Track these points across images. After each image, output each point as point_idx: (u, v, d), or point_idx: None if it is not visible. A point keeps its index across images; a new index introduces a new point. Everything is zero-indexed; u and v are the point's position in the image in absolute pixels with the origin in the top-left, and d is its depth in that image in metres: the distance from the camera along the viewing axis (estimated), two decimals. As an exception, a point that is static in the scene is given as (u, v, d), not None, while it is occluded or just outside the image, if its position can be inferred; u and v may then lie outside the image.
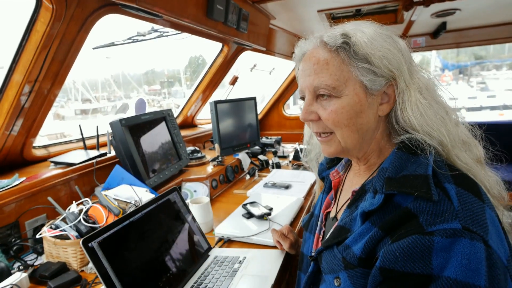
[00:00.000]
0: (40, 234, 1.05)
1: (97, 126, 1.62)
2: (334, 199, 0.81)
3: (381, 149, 0.69)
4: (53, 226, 1.06)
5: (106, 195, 1.21)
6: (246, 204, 1.39)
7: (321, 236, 0.79)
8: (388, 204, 0.58)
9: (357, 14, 2.03)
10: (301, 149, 2.27)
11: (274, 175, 1.97)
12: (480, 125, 0.69)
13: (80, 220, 1.06)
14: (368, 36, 0.63)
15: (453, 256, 0.47)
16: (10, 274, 0.95)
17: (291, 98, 3.76)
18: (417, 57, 0.70)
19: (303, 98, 0.71)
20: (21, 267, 1.02)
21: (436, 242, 0.48)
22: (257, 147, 2.45)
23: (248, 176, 2.04)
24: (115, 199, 1.22)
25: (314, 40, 0.69)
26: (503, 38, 2.78)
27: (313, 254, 0.75)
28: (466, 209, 0.52)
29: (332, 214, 0.78)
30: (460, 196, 0.53)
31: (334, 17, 2.15)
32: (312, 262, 0.71)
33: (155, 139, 1.62)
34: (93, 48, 1.68)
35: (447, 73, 21.37)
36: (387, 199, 0.58)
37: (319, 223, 0.81)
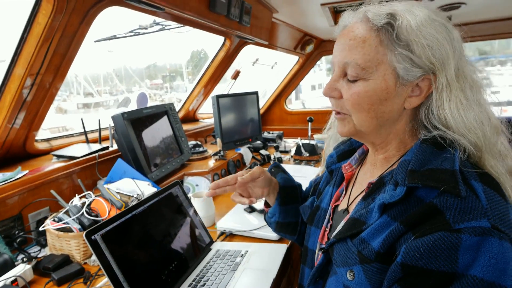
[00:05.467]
0: (43, 227, 1.05)
1: (99, 120, 1.62)
2: (345, 192, 0.79)
3: (402, 142, 0.67)
4: (56, 219, 1.07)
5: (108, 189, 1.21)
6: (247, 199, 1.39)
7: (327, 229, 0.78)
8: (409, 198, 0.56)
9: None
10: (302, 144, 2.26)
11: (276, 170, 1.97)
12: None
13: (83, 213, 1.07)
14: (417, 21, 0.58)
15: (481, 255, 0.46)
16: (14, 266, 0.96)
17: (293, 93, 3.74)
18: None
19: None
20: (24, 259, 1.03)
21: (464, 240, 0.47)
22: (258, 142, 2.45)
23: (249, 171, 2.04)
24: (118, 193, 1.23)
25: (358, 14, 0.65)
26: (509, 33, 2.74)
27: (322, 246, 0.74)
28: (494, 207, 0.50)
29: (342, 207, 0.76)
30: (487, 194, 0.52)
31: (338, 11, 2.13)
32: (322, 254, 0.69)
33: (157, 133, 1.62)
34: (95, 41, 1.68)
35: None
36: (409, 192, 0.56)
37: (327, 216, 0.79)
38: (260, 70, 2.95)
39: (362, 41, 0.61)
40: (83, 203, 1.12)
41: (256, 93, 2.43)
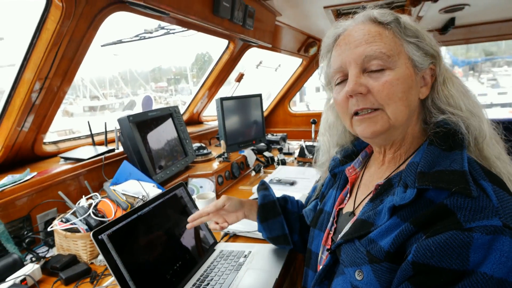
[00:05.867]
0: (51, 227, 1.08)
1: (105, 123, 1.65)
2: (349, 195, 0.79)
3: (414, 138, 0.68)
4: (63, 220, 1.09)
5: (114, 190, 1.23)
6: (251, 200, 1.40)
7: (331, 232, 0.78)
8: (419, 200, 0.56)
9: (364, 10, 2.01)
10: (306, 146, 2.27)
11: (279, 172, 1.98)
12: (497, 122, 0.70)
13: (89, 214, 1.09)
14: (411, 20, 0.66)
15: (492, 253, 0.47)
16: (23, 265, 0.98)
17: (297, 95, 3.75)
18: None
19: (344, 76, 0.67)
20: (33, 259, 1.05)
21: (475, 238, 0.48)
22: (262, 144, 2.46)
23: (253, 173, 2.05)
24: (123, 194, 1.25)
25: (358, 18, 0.68)
26: (514, 34, 2.73)
27: (327, 249, 0.75)
28: (505, 206, 0.51)
29: (347, 210, 0.77)
30: (497, 194, 0.53)
31: (341, 13, 2.14)
32: (329, 255, 0.70)
33: (162, 136, 1.64)
34: (102, 46, 1.71)
35: (456, 69, 21.00)
36: (419, 194, 0.57)
37: (331, 219, 0.80)
38: (264, 72, 2.97)
39: (378, 34, 0.64)
40: (90, 204, 1.14)
41: (259, 95, 2.44)
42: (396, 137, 0.68)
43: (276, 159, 2.23)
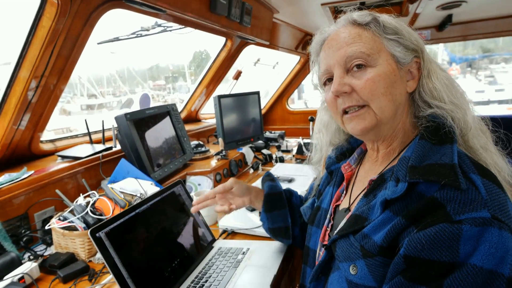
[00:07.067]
0: (49, 226, 1.08)
1: (103, 121, 1.65)
2: (345, 192, 0.80)
3: (405, 132, 0.69)
4: (61, 218, 1.09)
5: (112, 188, 1.23)
6: (249, 197, 1.40)
7: (329, 229, 0.79)
8: (410, 193, 0.57)
9: (362, 7, 2.01)
10: (304, 144, 2.27)
11: (278, 169, 1.98)
12: (491, 118, 0.70)
13: (87, 212, 1.09)
14: (391, 18, 0.69)
15: (481, 245, 0.48)
16: (21, 264, 0.98)
17: (296, 93, 3.75)
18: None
19: (329, 80, 0.71)
20: (31, 257, 1.05)
21: (465, 230, 0.48)
22: (260, 142, 2.46)
23: (251, 170, 2.05)
24: (121, 192, 1.25)
25: (340, 22, 0.71)
26: (510, 31, 2.73)
27: (324, 243, 0.76)
28: (493, 199, 0.52)
29: (343, 206, 0.77)
30: (486, 186, 0.53)
31: (338, 10, 2.14)
32: (325, 251, 0.71)
33: (159, 134, 1.64)
34: (98, 43, 1.70)
35: (454, 66, 21.01)
36: (410, 188, 0.57)
37: (328, 216, 0.80)
38: (262, 70, 2.96)
39: (357, 35, 0.67)
40: (88, 202, 1.14)
41: (257, 93, 2.44)
42: (386, 132, 0.69)
43: (274, 156, 2.23)
